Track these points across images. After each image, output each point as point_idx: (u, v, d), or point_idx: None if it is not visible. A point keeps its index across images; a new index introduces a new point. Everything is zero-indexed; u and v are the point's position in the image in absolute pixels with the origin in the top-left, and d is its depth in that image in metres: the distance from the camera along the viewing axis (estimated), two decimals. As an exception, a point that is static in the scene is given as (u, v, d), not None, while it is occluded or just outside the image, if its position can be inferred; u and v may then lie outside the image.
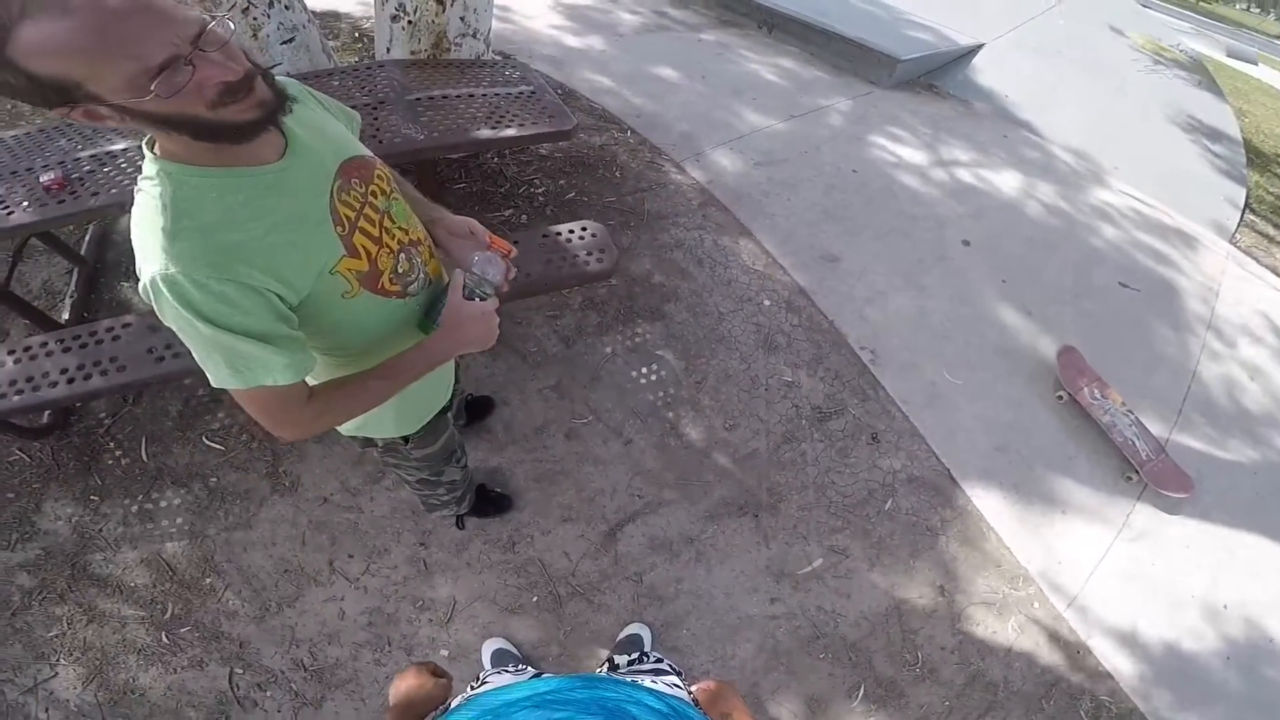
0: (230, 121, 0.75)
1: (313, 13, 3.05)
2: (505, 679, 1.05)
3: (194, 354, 0.86)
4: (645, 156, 3.65)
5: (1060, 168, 4.47)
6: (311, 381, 1.11)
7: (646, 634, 2.04)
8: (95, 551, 2.09)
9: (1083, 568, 2.43)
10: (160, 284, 0.78)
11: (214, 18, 0.73)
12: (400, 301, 1.09)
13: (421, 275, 1.13)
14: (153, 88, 0.67)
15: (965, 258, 3.48)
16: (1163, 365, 3.21)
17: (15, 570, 2.04)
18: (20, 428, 2.19)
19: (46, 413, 2.27)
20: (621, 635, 2.04)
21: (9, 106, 3.46)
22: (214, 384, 0.88)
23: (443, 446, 1.54)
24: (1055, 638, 2.25)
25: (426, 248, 1.18)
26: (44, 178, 2.06)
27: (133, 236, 0.83)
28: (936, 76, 5.21)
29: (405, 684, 0.92)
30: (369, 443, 1.40)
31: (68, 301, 2.62)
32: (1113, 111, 5.42)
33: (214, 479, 2.23)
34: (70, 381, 1.94)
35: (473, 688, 1.04)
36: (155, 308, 0.82)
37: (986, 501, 2.53)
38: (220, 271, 0.80)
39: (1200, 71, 7.15)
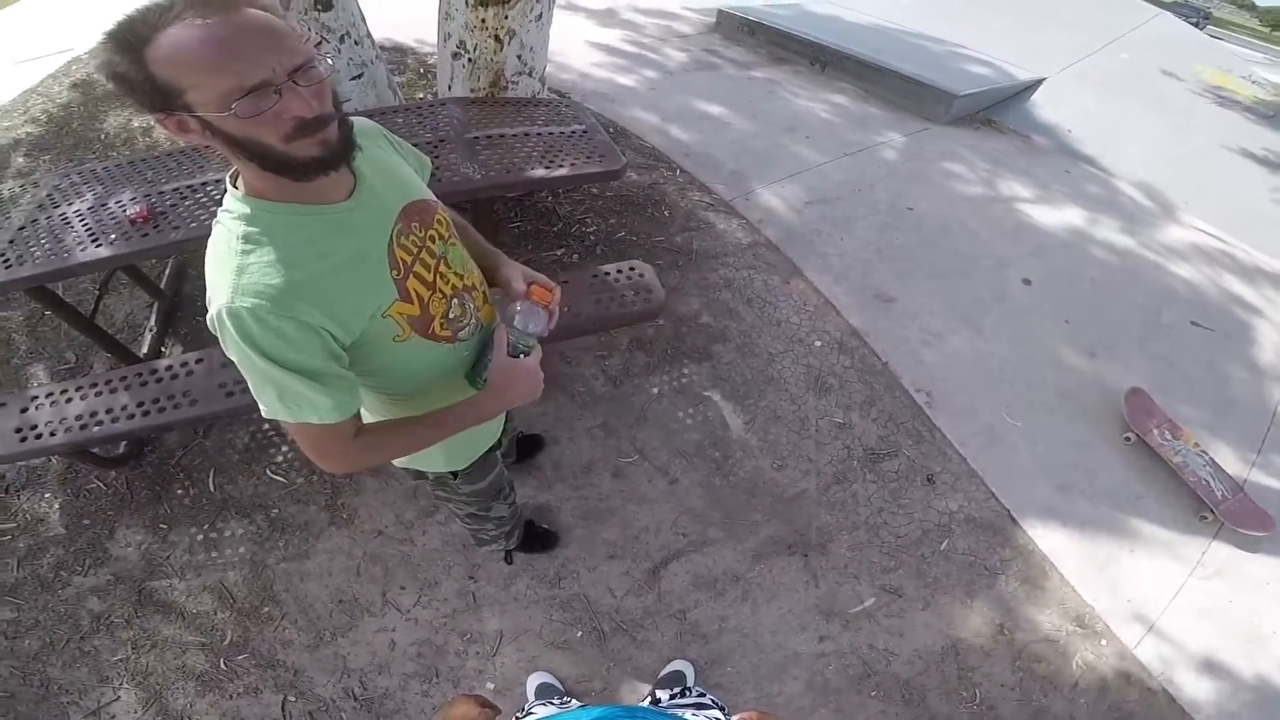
0: (294, 156, 0.79)
1: (381, 49, 3.21)
2: (550, 710, 1.06)
3: (249, 384, 0.91)
4: (694, 195, 3.67)
5: (1125, 204, 4.33)
6: (367, 416, 1.15)
7: (689, 670, 2.02)
8: (161, 578, 2.19)
9: (1153, 605, 2.33)
10: (224, 317, 0.82)
11: (321, 55, 0.78)
12: (449, 347, 1.11)
13: (473, 321, 1.15)
14: (233, 106, 0.71)
15: (1026, 297, 3.39)
16: (1239, 407, 3.05)
17: (86, 595, 2.15)
18: (98, 457, 2.31)
19: (123, 443, 2.40)
20: (664, 672, 2.03)
21: (102, 137, 3.73)
22: (265, 415, 0.93)
23: (491, 484, 1.56)
24: (1124, 675, 2.15)
25: (481, 294, 1.20)
26: (130, 210, 2.17)
27: (206, 267, 0.88)
28: (995, 112, 5.12)
29: (455, 713, 0.94)
30: (419, 475, 1.44)
31: (148, 335, 2.76)
32: (1181, 146, 5.23)
33: (275, 510, 2.32)
34: (145, 414, 2.05)
35: (518, 718, 1.05)
36: (219, 338, 0.86)
37: (1048, 541, 2.44)
38: (281, 309, 0.83)
39: (1274, 103, 6.85)
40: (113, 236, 2.14)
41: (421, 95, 4.12)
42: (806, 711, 2.02)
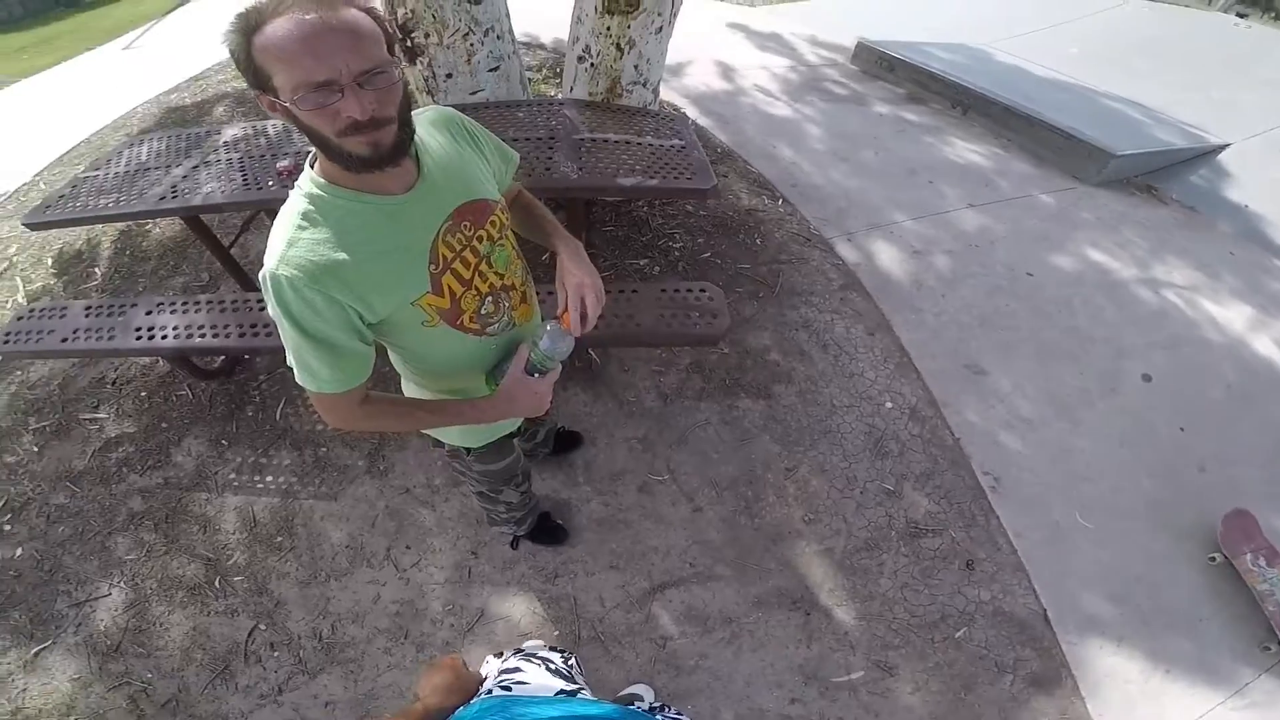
0: (345, 151, 0.87)
1: (524, 45, 3.37)
2: (543, 676, 1.10)
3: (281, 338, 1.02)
4: (792, 228, 3.58)
5: (1298, 301, 3.74)
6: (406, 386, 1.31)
7: (649, 696, 1.99)
8: (202, 491, 2.42)
9: (1165, 728, 2.05)
10: (267, 279, 0.95)
11: (396, 63, 0.87)
12: (477, 339, 1.19)
13: (506, 319, 1.23)
14: (295, 98, 0.81)
15: (1141, 395, 3.02)
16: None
17: (134, 493, 2.43)
18: (196, 367, 2.62)
19: (220, 358, 2.70)
20: (623, 692, 2.02)
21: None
22: (288, 363, 1.04)
23: (505, 468, 1.65)
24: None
25: (520, 294, 1.27)
26: (280, 164, 2.47)
27: (271, 231, 1.00)
28: (1160, 178, 4.48)
29: (434, 677, 1.00)
30: (437, 443, 1.55)
31: (268, 269, 3.13)
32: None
33: (324, 449, 2.53)
34: (242, 336, 2.30)
35: (505, 672, 1.09)
36: (264, 296, 0.98)
37: (1077, 648, 2.19)
38: (314, 282, 0.93)
39: None
40: (260, 184, 2.44)
41: (552, 93, 4.30)
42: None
